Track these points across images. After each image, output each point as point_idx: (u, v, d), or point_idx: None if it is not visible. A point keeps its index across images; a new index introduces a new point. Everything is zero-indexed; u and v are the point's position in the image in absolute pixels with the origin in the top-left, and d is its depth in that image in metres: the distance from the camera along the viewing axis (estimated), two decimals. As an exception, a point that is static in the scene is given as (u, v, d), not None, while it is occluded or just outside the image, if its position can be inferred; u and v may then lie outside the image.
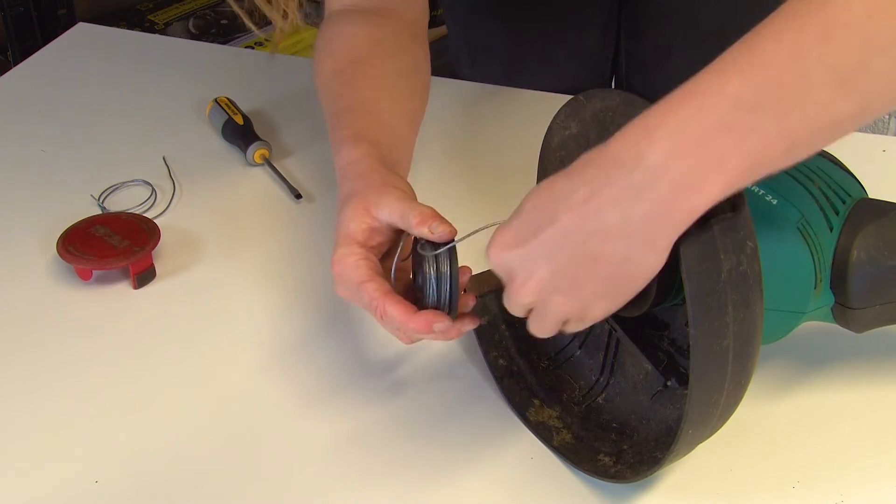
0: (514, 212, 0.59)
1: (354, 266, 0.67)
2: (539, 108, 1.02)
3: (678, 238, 0.55)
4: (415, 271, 0.68)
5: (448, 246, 0.65)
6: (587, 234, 0.54)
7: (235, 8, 0.78)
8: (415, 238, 0.67)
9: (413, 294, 0.68)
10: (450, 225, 0.65)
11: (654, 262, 0.55)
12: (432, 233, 0.65)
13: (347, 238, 0.68)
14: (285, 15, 0.79)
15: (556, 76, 1.18)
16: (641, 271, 0.56)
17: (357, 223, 0.68)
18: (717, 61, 0.52)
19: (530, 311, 0.61)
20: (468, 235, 0.65)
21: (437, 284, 0.65)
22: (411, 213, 0.66)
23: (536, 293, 0.58)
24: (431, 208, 0.66)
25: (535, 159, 0.74)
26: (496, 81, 1.13)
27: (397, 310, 0.65)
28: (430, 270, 0.65)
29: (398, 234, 0.69)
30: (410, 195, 0.70)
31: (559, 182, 0.56)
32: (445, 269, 0.65)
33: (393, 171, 0.72)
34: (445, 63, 1.26)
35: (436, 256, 0.65)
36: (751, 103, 0.50)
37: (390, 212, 0.67)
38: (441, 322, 0.65)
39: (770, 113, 0.50)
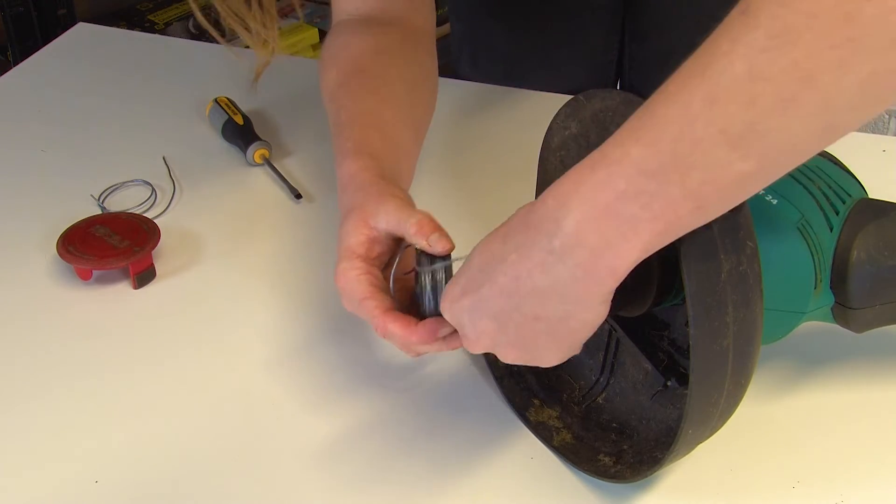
0: (463, 265, 0.62)
1: (356, 281, 0.67)
2: (539, 109, 1.02)
3: (678, 238, 0.55)
4: (414, 281, 0.68)
5: (445, 263, 0.65)
6: (523, 296, 0.57)
7: (202, 21, 0.77)
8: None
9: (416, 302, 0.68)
10: (447, 239, 0.66)
11: (592, 317, 0.57)
12: (430, 245, 0.65)
13: (348, 251, 0.68)
14: (265, 44, 0.78)
15: (557, 78, 1.18)
16: (582, 326, 0.58)
17: (356, 236, 0.68)
18: (622, 128, 0.53)
19: None
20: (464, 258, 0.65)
21: (433, 296, 0.66)
22: (409, 222, 0.67)
23: (487, 346, 0.61)
24: (429, 216, 0.67)
25: (535, 159, 0.74)
26: (497, 82, 1.13)
27: (397, 326, 0.65)
28: (426, 282, 0.65)
29: (398, 242, 0.70)
30: (409, 204, 0.70)
31: (496, 242, 0.59)
32: (442, 279, 0.65)
33: (392, 183, 0.72)
34: (447, 63, 1.26)
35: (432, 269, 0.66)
36: (652, 169, 0.51)
37: (388, 220, 0.68)
38: (445, 328, 0.65)
39: (672, 177, 0.51)
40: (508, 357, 0.62)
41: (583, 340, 0.60)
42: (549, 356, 0.61)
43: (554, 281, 0.55)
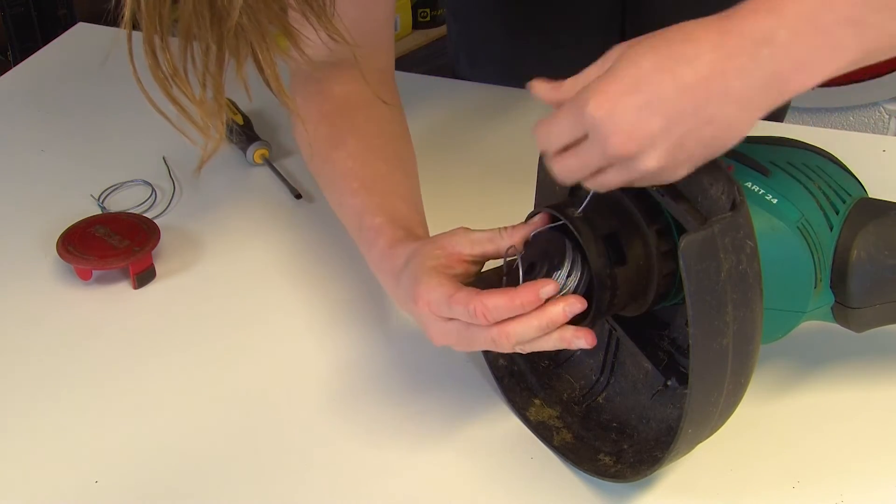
0: (614, 67, 0.59)
1: (437, 286, 0.65)
2: (538, 109, 1.02)
3: (679, 238, 0.56)
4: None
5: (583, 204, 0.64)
6: (708, 97, 0.56)
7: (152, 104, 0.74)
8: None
9: None
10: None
11: (749, 128, 0.58)
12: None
13: (426, 273, 0.66)
14: (209, 133, 0.75)
15: (556, 79, 1.17)
16: (737, 136, 0.58)
17: (430, 261, 0.67)
18: None
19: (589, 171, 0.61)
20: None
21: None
22: (502, 234, 0.67)
23: (639, 146, 0.57)
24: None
25: (533, 159, 0.74)
26: (495, 82, 1.13)
27: (497, 297, 0.62)
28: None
29: (473, 267, 0.68)
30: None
31: (675, 45, 0.58)
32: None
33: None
34: (445, 63, 1.26)
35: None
36: (879, 2, 0.54)
37: (472, 242, 0.67)
38: (547, 286, 0.62)
39: (893, 13, 0.54)
40: (651, 163, 0.58)
41: (720, 154, 0.59)
42: (687, 167, 0.59)
43: (747, 85, 0.55)
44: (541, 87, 0.65)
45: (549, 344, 0.63)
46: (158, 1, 0.61)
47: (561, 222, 0.64)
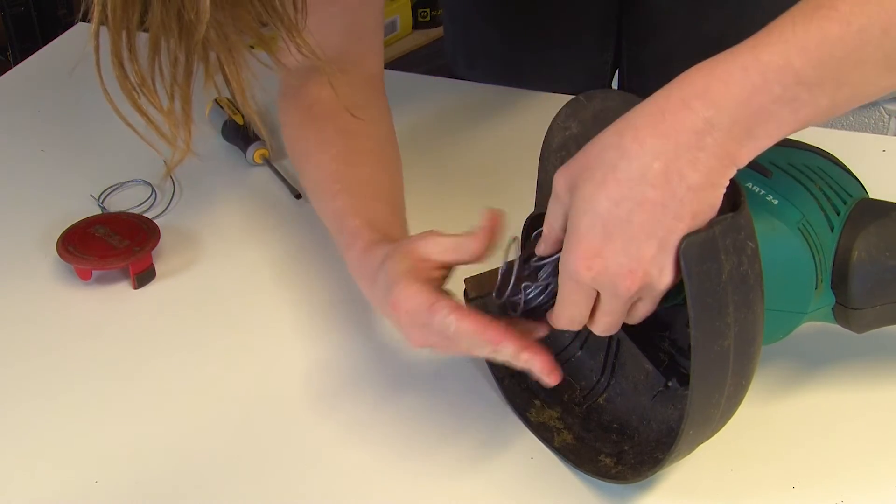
0: (574, 222, 0.59)
1: (417, 294, 0.65)
2: (538, 109, 1.03)
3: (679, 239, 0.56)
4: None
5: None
6: (680, 199, 0.57)
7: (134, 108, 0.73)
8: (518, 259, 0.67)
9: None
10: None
11: (720, 198, 0.58)
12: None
13: (400, 277, 0.66)
14: (175, 143, 0.73)
15: (553, 80, 1.18)
16: (717, 207, 0.58)
17: (403, 264, 0.67)
18: (773, 33, 0.56)
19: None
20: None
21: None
22: (468, 241, 0.66)
23: (646, 276, 0.58)
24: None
25: (533, 159, 0.74)
26: (493, 82, 1.13)
27: (468, 322, 0.63)
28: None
29: (442, 273, 0.68)
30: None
31: (618, 167, 0.57)
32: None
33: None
34: (445, 63, 1.26)
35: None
36: (810, 81, 0.55)
37: (439, 246, 0.67)
38: (507, 346, 0.63)
39: (826, 90, 0.56)
40: (666, 280, 0.58)
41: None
42: None
43: (706, 172, 0.56)
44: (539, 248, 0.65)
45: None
46: (126, 12, 0.61)
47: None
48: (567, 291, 0.61)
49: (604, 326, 0.62)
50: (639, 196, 0.56)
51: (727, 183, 0.57)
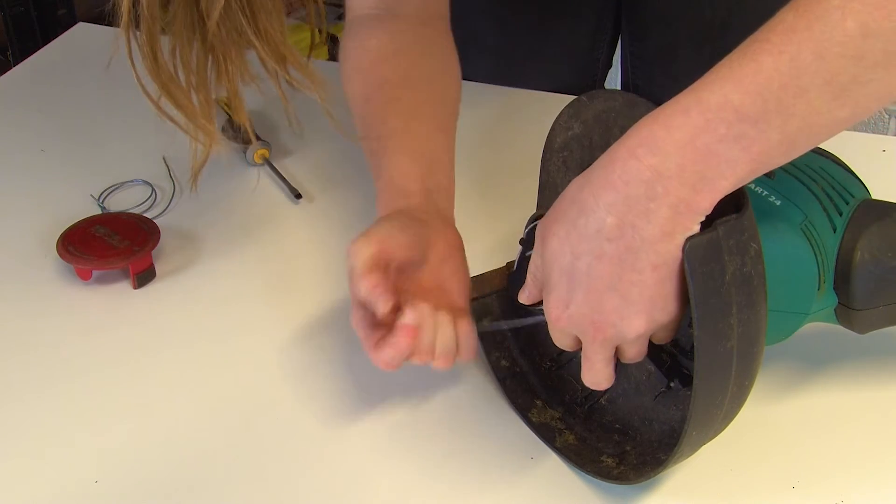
0: (545, 275, 0.61)
1: (364, 248, 0.67)
2: (539, 109, 1.02)
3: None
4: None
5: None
6: (636, 252, 0.57)
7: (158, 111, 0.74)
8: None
9: None
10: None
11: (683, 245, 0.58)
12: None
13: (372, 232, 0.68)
14: (205, 136, 0.74)
15: (544, 74, 1.18)
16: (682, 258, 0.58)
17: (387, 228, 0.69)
18: (713, 73, 0.55)
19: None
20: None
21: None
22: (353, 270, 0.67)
23: (613, 325, 0.59)
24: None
25: (531, 158, 0.74)
26: (486, 78, 1.14)
27: (358, 324, 0.68)
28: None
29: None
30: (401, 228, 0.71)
31: (577, 223, 0.58)
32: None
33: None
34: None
35: None
36: (753, 116, 0.54)
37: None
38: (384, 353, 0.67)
39: (773, 123, 0.54)
40: (635, 328, 0.59)
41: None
42: (672, 305, 0.59)
43: (660, 223, 0.56)
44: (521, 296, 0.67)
45: None
46: (154, 6, 0.62)
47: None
48: (555, 336, 0.64)
49: (591, 374, 0.63)
50: (596, 250, 0.57)
51: (691, 228, 0.56)
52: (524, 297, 0.66)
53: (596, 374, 0.63)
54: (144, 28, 0.63)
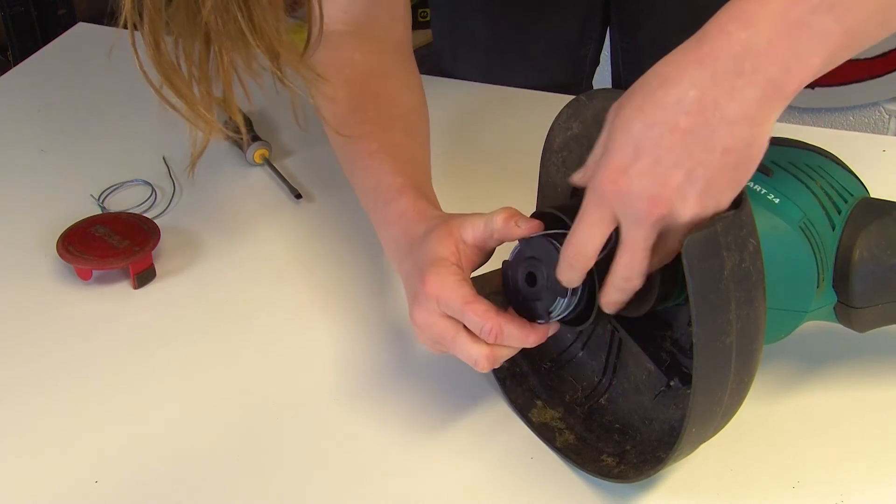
0: (604, 138, 0.59)
1: (456, 286, 0.65)
2: (531, 107, 1.02)
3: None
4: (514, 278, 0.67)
5: (559, 231, 0.63)
6: (713, 129, 0.55)
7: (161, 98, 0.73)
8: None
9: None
10: (534, 220, 0.65)
11: (766, 139, 0.57)
12: (518, 226, 0.65)
13: (442, 260, 0.66)
14: (205, 124, 0.73)
15: (533, 71, 1.19)
16: (760, 151, 0.57)
17: (447, 246, 0.67)
18: None
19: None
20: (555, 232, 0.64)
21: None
22: (494, 217, 0.66)
23: (669, 203, 0.57)
24: (510, 208, 0.67)
25: (529, 158, 0.74)
26: (477, 75, 1.14)
27: (515, 327, 0.64)
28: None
29: (480, 258, 0.69)
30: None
31: (656, 93, 0.56)
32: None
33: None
34: (435, 67, 1.27)
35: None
36: None
37: (474, 229, 0.67)
38: (554, 328, 0.66)
39: None
40: (690, 209, 0.57)
41: (752, 174, 0.58)
42: (729, 195, 0.58)
43: (744, 103, 0.55)
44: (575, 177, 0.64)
45: None
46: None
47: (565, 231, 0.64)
48: (587, 212, 0.59)
49: (627, 263, 0.59)
50: (671, 122, 0.55)
51: (772, 121, 0.55)
52: (578, 176, 0.62)
53: (633, 264, 0.59)
54: (147, 17, 0.63)
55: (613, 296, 0.61)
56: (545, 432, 0.71)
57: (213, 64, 0.68)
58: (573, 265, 0.61)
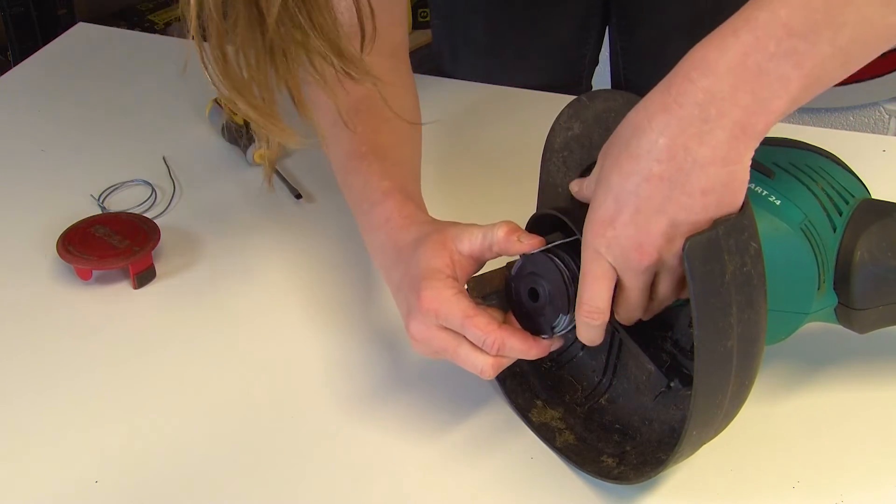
0: (594, 195, 0.60)
1: (455, 300, 0.65)
2: (540, 109, 1.02)
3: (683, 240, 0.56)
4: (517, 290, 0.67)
5: (570, 239, 0.64)
6: (686, 174, 0.56)
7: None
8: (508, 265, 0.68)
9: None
10: (536, 236, 0.66)
11: (745, 175, 0.58)
12: (521, 242, 0.66)
13: (437, 273, 0.66)
14: (292, 134, 0.73)
15: (533, 71, 1.19)
16: (741, 184, 0.58)
17: (440, 259, 0.67)
18: None
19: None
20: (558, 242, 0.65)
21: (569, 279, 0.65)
22: (494, 230, 0.66)
23: (657, 250, 0.58)
24: (511, 222, 0.67)
25: (529, 158, 0.74)
26: (477, 75, 1.14)
27: (517, 340, 0.65)
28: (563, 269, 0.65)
29: (474, 267, 0.69)
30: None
31: (630, 143, 0.57)
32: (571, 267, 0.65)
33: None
34: (435, 67, 1.27)
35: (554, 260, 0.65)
36: (802, 30, 0.54)
37: (471, 240, 0.67)
38: (557, 344, 0.67)
39: (823, 36, 0.54)
40: (679, 253, 0.58)
41: (736, 207, 0.58)
42: None
43: (715, 146, 0.55)
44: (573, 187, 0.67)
45: None
46: (218, 10, 0.62)
47: (572, 238, 0.64)
48: (587, 268, 0.61)
49: (626, 307, 0.61)
50: (645, 171, 0.57)
51: (747, 158, 0.56)
52: (575, 190, 0.65)
53: (632, 306, 0.61)
54: (213, 32, 0.63)
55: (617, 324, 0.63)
56: (545, 432, 0.71)
57: (271, 71, 0.68)
58: (590, 324, 0.63)
